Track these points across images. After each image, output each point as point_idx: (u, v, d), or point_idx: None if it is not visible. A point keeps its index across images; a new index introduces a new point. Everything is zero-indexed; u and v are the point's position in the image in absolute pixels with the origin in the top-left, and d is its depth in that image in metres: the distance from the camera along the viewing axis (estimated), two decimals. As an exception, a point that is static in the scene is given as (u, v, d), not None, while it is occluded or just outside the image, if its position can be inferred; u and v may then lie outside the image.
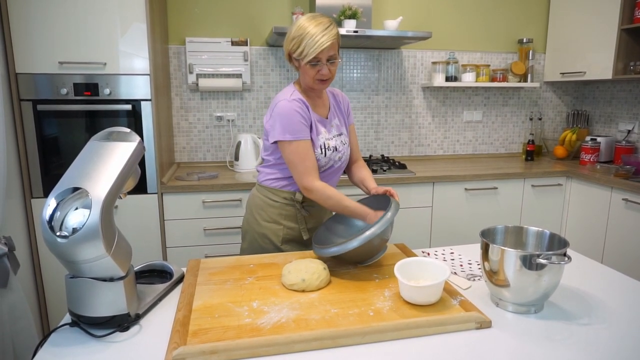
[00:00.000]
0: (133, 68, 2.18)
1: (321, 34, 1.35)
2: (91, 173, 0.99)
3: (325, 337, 0.94)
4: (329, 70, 1.42)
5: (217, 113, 2.89)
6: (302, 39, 1.37)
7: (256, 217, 1.60)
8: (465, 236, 2.69)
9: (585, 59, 2.94)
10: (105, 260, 0.96)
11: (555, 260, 1.01)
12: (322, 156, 1.49)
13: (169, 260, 2.35)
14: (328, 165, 1.54)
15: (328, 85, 1.50)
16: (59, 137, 2.17)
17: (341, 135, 1.58)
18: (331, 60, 1.41)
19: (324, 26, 1.36)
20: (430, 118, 3.23)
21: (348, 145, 1.61)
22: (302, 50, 1.38)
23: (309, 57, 1.37)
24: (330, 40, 1.36)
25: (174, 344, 0.90)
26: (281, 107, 1.43)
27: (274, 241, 1.57)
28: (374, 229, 1.22)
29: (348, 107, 1.66)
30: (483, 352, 0.93)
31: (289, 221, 1.57)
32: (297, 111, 1.43)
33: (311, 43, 1.35)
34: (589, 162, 2.95)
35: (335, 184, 1.64)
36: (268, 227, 1.58)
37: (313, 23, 1.37)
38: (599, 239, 2.62)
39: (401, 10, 3.03)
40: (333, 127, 1.56)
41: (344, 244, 1.23)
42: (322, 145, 1.49)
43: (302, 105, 1.45)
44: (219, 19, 2.80)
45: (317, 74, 1.41)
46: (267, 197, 1.59)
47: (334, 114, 1.59)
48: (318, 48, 1.35)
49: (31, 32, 2.05)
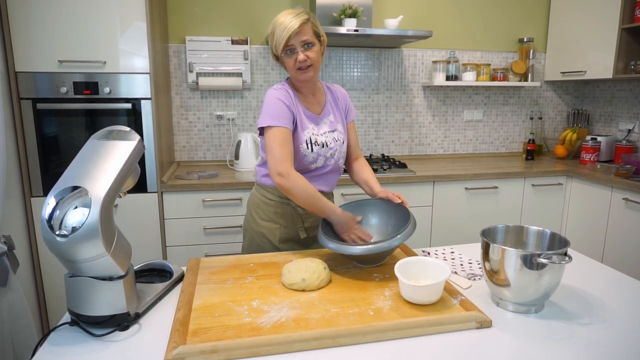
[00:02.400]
0: (133, 67, 2.18)
1: (289, 19, 1.35)
2: (91, 172, 0.99)
3: (325, 336, 0.94)
4: (307, 56, 1.40)
5: (217, 112, 2.88)
6: (274, 30, 1.38)
7: (254, 215, 1.60)
8: (466, 235, 2.69)
9: (586, 59, 2.94)
10: (105, 259, 0.96)
11: (556, 260, 1.01)
12: (308, 151, 1.48)
13: (168, 259, 2.35)
14: (320, 164, 1.52)
15: (312, 75, 1.44)
16: (58, 136, 2.17)
17: (334, 131, 1.55)
18: (306, 45, 1.39)
19: (293, 14, 1.36)
20: (430, 117, 3.22)
21: (343, 142, 1.58)
22: (275, 41, 1.38)
23: (280, 45, 1.37)
24: (298, 23, 1.35)
25: (173, 343, 0.90)
26: (267, 95, 1.46)
27: (271, 240, 1.57)
28: (401, 236, 1.24)
29: (347, 103, 1.64)
30: (483, 351, 0.93)
31: (286, 220, 1.57)
32: (279, 99, 1.43)
33: (280, 30, 1.36)
34: (589, 161, 2.95)
35: (333, 187, 1.63)
36: (265, 226, 1.58)
37: (283, 15, 1.38)
38: (599, 239, 2.62)
39: (402, 9, 3.02)
40: (325, 124, 1.54)
41: (371, 245, 1.23)
42: (308, 140, 1.47)
43: (286, 94, 1.45)
44: (219, 18, 2.80)
45: (294, 61, 1.40)
46: (263, 195, 1.58)
47: (329, 110, 1.57)
48: (287, 33, 1.35)
49: (31, 31, 2.04)
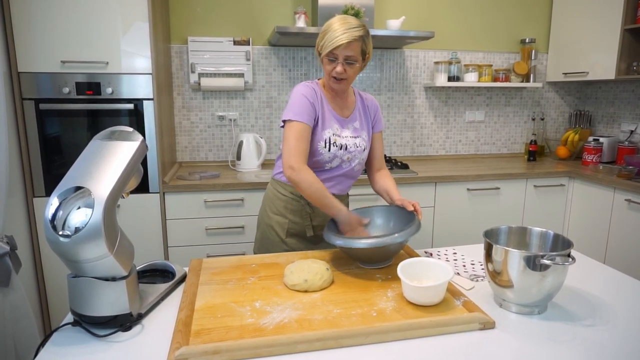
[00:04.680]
0: (135, 67, 2.18)
1: (342, 30, 1.37)
2: (94, 172, 0.99)
3: (328, 337, 0.94)
4: (345, 70, 1.42)
5: (219, 112, 2.88)
6: (326, 32, 1.40)
7: (266, 208, 1.65)
8: (468, 236, 2.68)
9: (588, 59, 2.93)
10: (108, 260, 0.96)
11: (559, 261, 1.01)
12: (325, 150, 1.49)
13: (170, 259, 2.35)
14: (334, 165, 1.53)
15: (344, 87, 1.50)
16: (61, 136, 2.17)
17: (357, 137, 1.56)
18: (349, 60, 1.42)
19: (349, 25, 1.38)
20: (432, 118, 3.22)
21: (364, 149, 1.58)
22: (323, 43, 1.41)
23: (325, 50, 1.40)
24: (348, 39, 1.36)
25: (176, 344, 0.89)
26: (294, 90, 1.50)
27: (279, 233, 1.61)
28: (405, 233, 1.23)
29: (376, 113, 1.64)
30: (486, 353, 0.92)
31: (295, 215, 1.60)
32: (304, 95, 1.46)
33: (331, 37, 1.38)
34: (591, 162, 2.94)
35: (344, 191, 1.63)
36: (275, 219, 1.62)
37: (341, 21, 1.39)
38: (601, 240, 2.62)
39: (404, 10, 3.02)
40: (349, 129, 1.55)
41: (382, 238, 1.22)
42: (327, 140, 1.49)
43: (312, 92, 1.48)
44: (221, 19, 2.80)
45: (332, 70, 1.43)
46: (277, 189, 1.62)
47: (357, 117, 1.58)
48: (335, 43, 1.37)
49: (33, 31, 2.05)
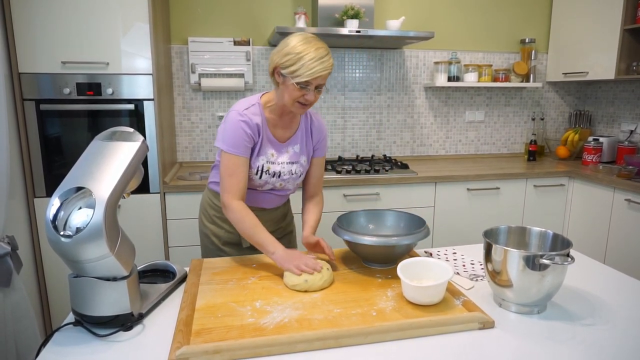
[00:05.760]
0: (135, 68, 2.18)
1: (320, 60, 1.31)
2: (95, 173, 0.99)
3: (328, 337, 0.94)
4: (314, 97, 1.38)
5: (219, 113, 2.89)
6: (300, 58, 1.31)
7: (202, 217, 1.64)
8: (468, 236, 2.69)
9: (588, 59, 2.93)
10: (109, 260, 0.96)
11: (559, 261, 1.01)
12: (256, 177, 1.46)
13: (171, 259, 2.36)
14: (267, 188, 1.51)
15: (305, 111, 1.46)
16: (61, 137, 2.18)
17: (295, 164, 1.50)
18: (319, 88, 1.38)
19: (324, 53, 1.33)
20: (432, 118, 3.22)
21: (299, 176, 1.54)
22: (296, 69, 1.32)
23: (301, 78, 1.32)
24: (327, 70, 1.33)
25: (177, 344, 0.90)
26: (230, 117, 1.40)
27: (214, 242, 1.58)
28: (414, 236, 1.27)
29: (322, 139, 1.57)
30: (486, 352, 0.93)
31: (230, 225, 1.53)
32: (242, 129, 1.39)
33: (309, 66, 1.31)
34: (591, 162, 2.94)
35: (276, 205, 1.60)
36: (210, 228, 1.60)
37: (313, 47, 1.32)
38: (601, 240, 2.62)
39: (403, 10, 3.03)
40: (287, 154, 1.49)
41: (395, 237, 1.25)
42: (260, 167, 1.45)
43: (251, 123, 1.40)
44: (221, 19, 2.80)
45: (301, 97, 1.36)
46: (210, 198, 1.60)
47: (297, 140, 1.51)
48: (315, 74, 1.31)
49: (34, 32, 2.05)
